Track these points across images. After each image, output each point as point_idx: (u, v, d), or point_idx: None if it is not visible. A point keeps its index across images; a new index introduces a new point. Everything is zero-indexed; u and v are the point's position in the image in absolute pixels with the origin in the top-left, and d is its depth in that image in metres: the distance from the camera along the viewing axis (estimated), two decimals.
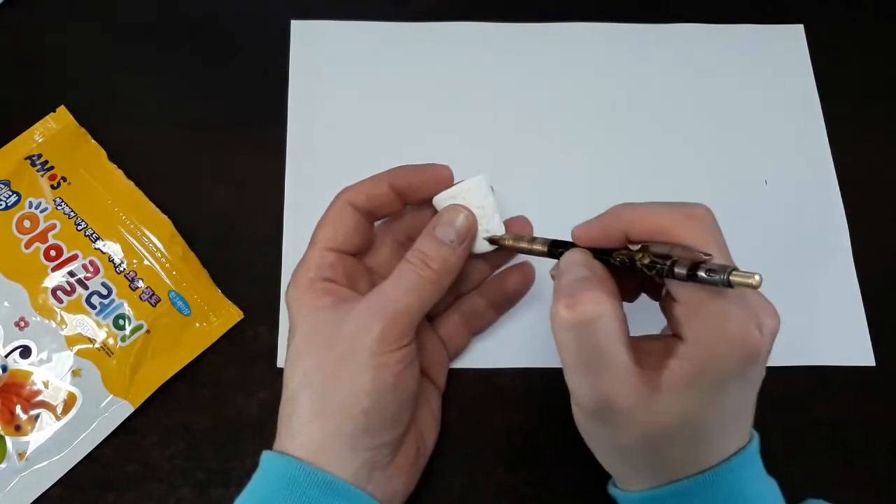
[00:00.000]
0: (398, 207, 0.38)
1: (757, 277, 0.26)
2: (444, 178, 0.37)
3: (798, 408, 0.43)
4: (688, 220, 0.30)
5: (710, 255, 0.28)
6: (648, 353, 0.30)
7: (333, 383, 0.33)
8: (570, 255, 0.32)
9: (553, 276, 0.33)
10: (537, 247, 0.35)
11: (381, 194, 0.37)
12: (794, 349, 0.43)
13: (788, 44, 0.52)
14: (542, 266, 0.40)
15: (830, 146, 0.49)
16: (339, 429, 0.33)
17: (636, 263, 0.30)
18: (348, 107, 0.48)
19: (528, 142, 0.48)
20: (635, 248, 0.31)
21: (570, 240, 0.33)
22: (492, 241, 0.37)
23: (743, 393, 0.30)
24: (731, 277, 0.26)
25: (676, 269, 0.28)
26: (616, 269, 0.31)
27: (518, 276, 0.41)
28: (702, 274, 0.27)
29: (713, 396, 0.29)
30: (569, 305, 0.29)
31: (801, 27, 0.52)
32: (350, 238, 0.37)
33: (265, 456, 0.34)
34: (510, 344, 0.44)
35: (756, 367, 0.29)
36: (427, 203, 0.38)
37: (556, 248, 0.34)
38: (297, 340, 0.35)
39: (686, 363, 0.29)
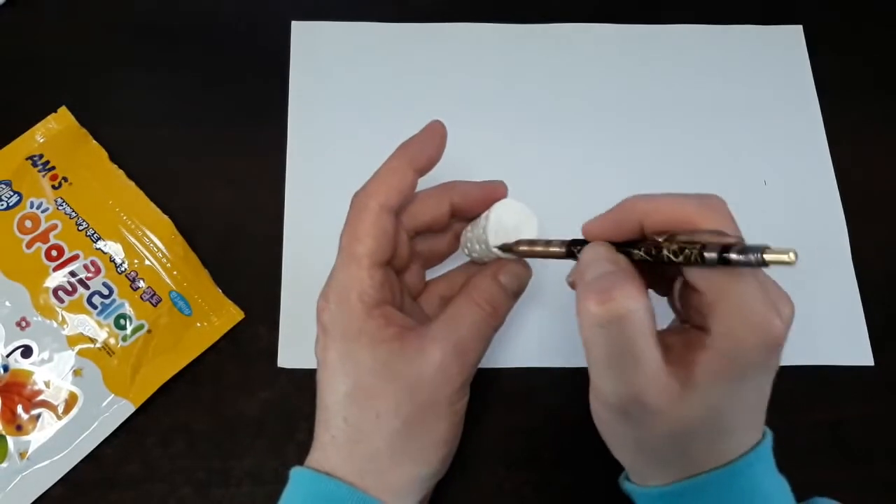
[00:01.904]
0: (446, 225, 0.37)
1: (792, 254, 0.25)
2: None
3: (797, 408, 0.43)
4: (706, 207, 0.29)
5: (739, 237, 0.28)
6: (669, 347, 0.29)
7: (414, 432, 0.33)
8: (592, 249, 0.31)
9: (571, 284, 0.32)
10: (554, 249, 0.33)
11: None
12: (792, 349, 0.42)
13: (787, 44, 0.52)
14: (538, 264, 0.40)
15: (829, 147, 0.49)
16: (417, 474, 0.34)
17: (662, 252, 0.29)
18: (348, 107, 0.49)
19: (528, 142, 0.48)
20: (659, 238, 0.30)
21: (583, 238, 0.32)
22: (504, 248, 0.35)
23: (763, 383, 0.30)
24: (766, 256, 0.25)
25: (707, 254, 0.27)
26: (634, 262, 0.30)
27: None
28: (734, 256, 0.26)
29: (738, 388, 0.29)
30: (599, 301, 0.27)
31: (799, 28, 0.52)
32: (392, 248, 0.34)
33: (352, 494, 0.33)
34: (511, 345, 0.44)
35: (776, 355, 0.29)
36: (439, 194, 0.36)
37: (574, 248, 0.32)
38: (364, 376, 0.33)
39: (713, 355, 0.28)
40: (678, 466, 0.31)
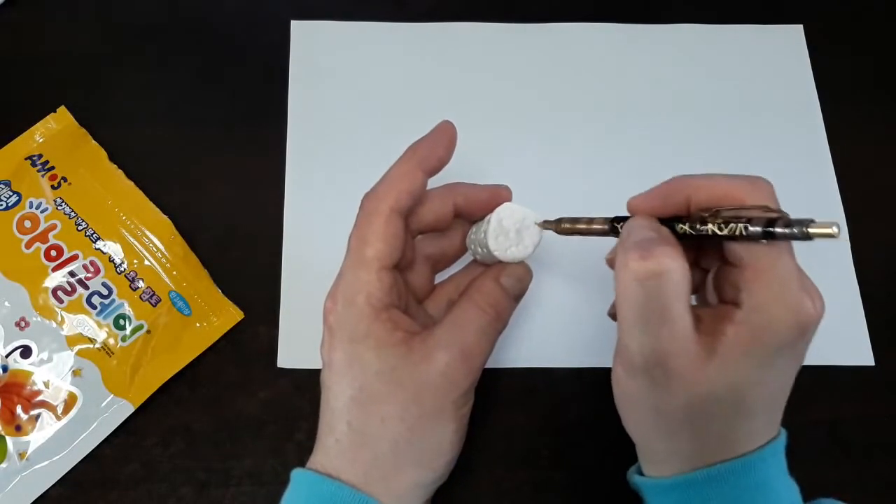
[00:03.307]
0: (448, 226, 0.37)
1: (835, 227, 0.26)
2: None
3: (797, 407, 0.43)
4: (754, 186, 0.30)
5: (784, 212, 0.28)
6: (700, 319, 0.30)
7: (419, 437, 0.33)
8: (636, 220, 0.31)
9: (609, 262, 0.32)
10: (597, 226, 0.34)
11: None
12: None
13: (788, 44, 0.52)
14: (539, 265, 0.40)
15: (829, 146, 0.49)
16: (420, 479, 0.34)
17: (707, 225, 0.29)
18: (348, 107, 0.49)
19: (528, 142, 0.48)
20: (705, 213, 0.30)
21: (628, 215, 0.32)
22: (545, 225, 0.35)
23: (786, 370, 0.30)
24: (810, 229, 0.26)
25: (752, 227, 0.28)
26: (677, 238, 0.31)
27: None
28: (779, 229, 0.27)
29: (762, 367, 0.29)
30: (641, 258, 0.28)
31: (800, 27, 0.52)
32: (401, 251, 0.34)
33: (355, 497, 0.33)
34: (511, 345, 0.44)
35: (804, 342, 0.29)
36: (443, 195, 0.36)
37: (617, 224, 0.33)
38: (370, 380, 0.33)
39: (743, 329, 0.29)
40: (692, 448, 0.31)
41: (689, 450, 0.31)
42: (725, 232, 0.29)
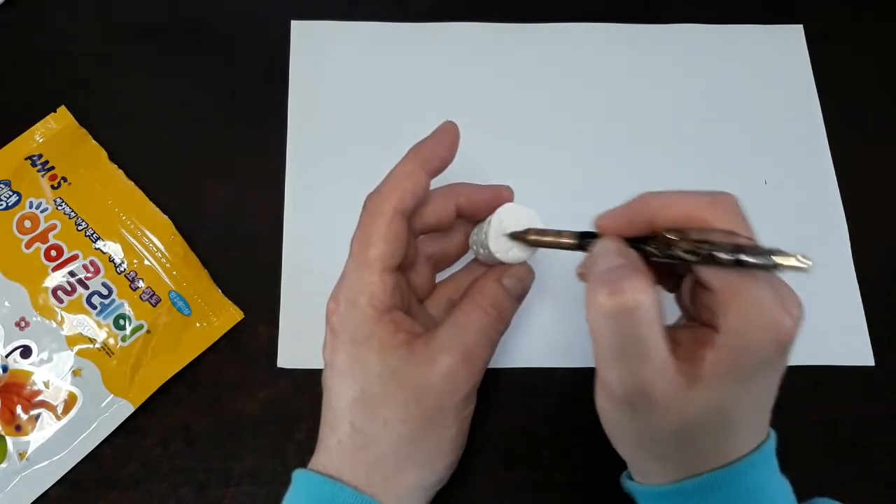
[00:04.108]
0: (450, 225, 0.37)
1: (805, 260, 0.25)
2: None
3: (797, 407, 0.43)
4: (718, 206, 0.29)
5: (753, 239, 0.28)
6: (678, 343, 0.29)
7: (421, 439, 0.33)
8: (603, 243, 0.31)
9: (579, 275, 0.32)
10: (565, 240, 0.33)
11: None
12: (793, 349, 0.43)
13: (788, 44, 0.52)
14: (539, 264, 0.40)
15: (830, 146, 0.49)
16: (422, 480, 0.34)
17: (674, 250, 0.29)
18: (348, 107, 0.49)
19: (528, 142, 0.48)
20: (672, 235, 0.30)
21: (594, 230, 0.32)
22: (515, 236, 0.35)
23: (770, 383, 0.30)
24: (779, 261, 0.26)
25: (719, 254, 0.27)
26: (645, 258, 0.30)
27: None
28: (747, 258, 0.26)
29: (745, 386, 0.29)
30: (611, 293, 0.27)
31: (800, 27, 0.52)
32: (403, 252, 0.34)
33: (356, 498, 0.33)
34: (511, 345, 0.44)
35: (784, 355, 0.29)
36: (445, 196, 0.36)
37: (585, 240, 0.32)
38: (372, 382, 0.33)
39: (722, 353, 0.28)
40: (681, 464, 0.31)
41: (678, 465, 0.31)
42: (693, 258, 0.28)
